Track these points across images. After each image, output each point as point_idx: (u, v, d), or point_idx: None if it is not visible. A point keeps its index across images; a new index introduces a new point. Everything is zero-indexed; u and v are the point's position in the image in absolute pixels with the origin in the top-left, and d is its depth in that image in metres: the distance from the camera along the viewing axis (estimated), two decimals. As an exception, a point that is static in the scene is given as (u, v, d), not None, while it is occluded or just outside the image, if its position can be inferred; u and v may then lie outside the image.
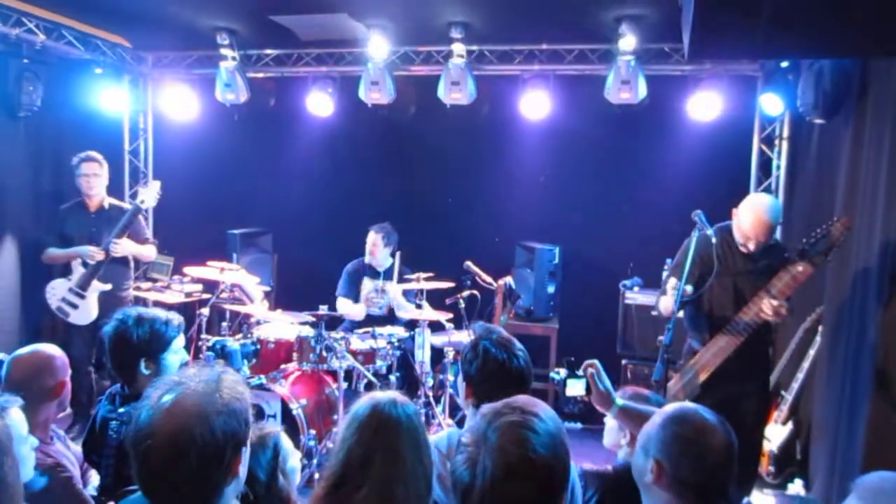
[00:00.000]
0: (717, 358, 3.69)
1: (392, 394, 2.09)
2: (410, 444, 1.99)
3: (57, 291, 5.02)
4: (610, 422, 2.59)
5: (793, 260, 3.56)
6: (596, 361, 2.36)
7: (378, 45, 5.33)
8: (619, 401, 2.33)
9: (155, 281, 6.46)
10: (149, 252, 5.39)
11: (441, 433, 2.45)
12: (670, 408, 1.88)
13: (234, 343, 4.80)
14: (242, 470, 1.62)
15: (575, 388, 2.38)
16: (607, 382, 2.34)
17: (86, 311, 5.00)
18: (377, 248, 5.60)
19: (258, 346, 4.92)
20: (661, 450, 1.78)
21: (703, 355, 3.75)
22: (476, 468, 1.47)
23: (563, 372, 2.40)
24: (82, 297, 4.99)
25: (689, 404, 1.90)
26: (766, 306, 3.52)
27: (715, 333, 3.72)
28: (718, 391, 3.66)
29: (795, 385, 4.53)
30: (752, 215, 3.62)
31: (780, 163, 5.64)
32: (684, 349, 3.98)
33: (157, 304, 5.82)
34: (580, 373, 2.37)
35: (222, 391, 1.57)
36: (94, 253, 4.98)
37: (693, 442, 1.76)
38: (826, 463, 4.15)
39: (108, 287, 5.05)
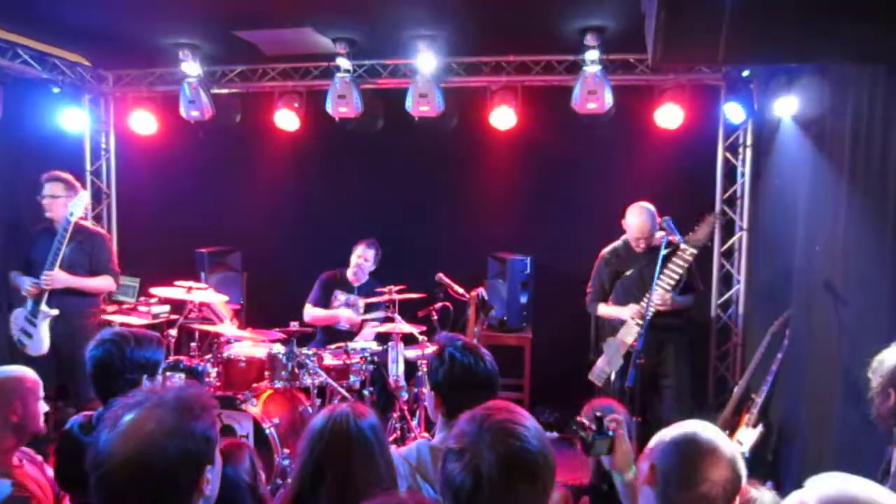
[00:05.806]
0: (629, 337, 4.43)
1: (350, 406, 2.02)
2: (363, 460, 1.92)
3: (17, 321, 4.77)
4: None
5: (678, 248, 4.23)
6: (619, 416, 2.19)
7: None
8: (634, 469, 2.12)
9: (121, 303, 6.32)
10: (98, 283, 4.91)
11: (410, 445, 2.39)
12: (689, 425, 1.77)
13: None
14: (210, 488, 1.57)
15: (600, 447, 2.12)
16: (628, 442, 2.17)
17: (39, 341, 4.69)
18: (367, 264, 5.56)
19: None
20: (659, 458, 1.73)
21: (620, 335, 4.50)
22: (481, 469, 1.46)
23: (588, 427, 2.13)
24: (34, 325, 4.69)
25: (709, 427, 1.76)
26: (656, 297, 4.25)
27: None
28: (644, 366, 4.07)
29: (765, 388, 4.58)
30: (633, 220, 4.52)
31: (745, 170, 5.74)
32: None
33: (123, 326, 5.68)
34: (609, 431, 2.13)
35: (179, 411, 1.52)
36: (30, 287, 4.65)
37: (691, 464, 1.68)
38: (797, 464, 4.20)
39: (56, 312, 4.67)
